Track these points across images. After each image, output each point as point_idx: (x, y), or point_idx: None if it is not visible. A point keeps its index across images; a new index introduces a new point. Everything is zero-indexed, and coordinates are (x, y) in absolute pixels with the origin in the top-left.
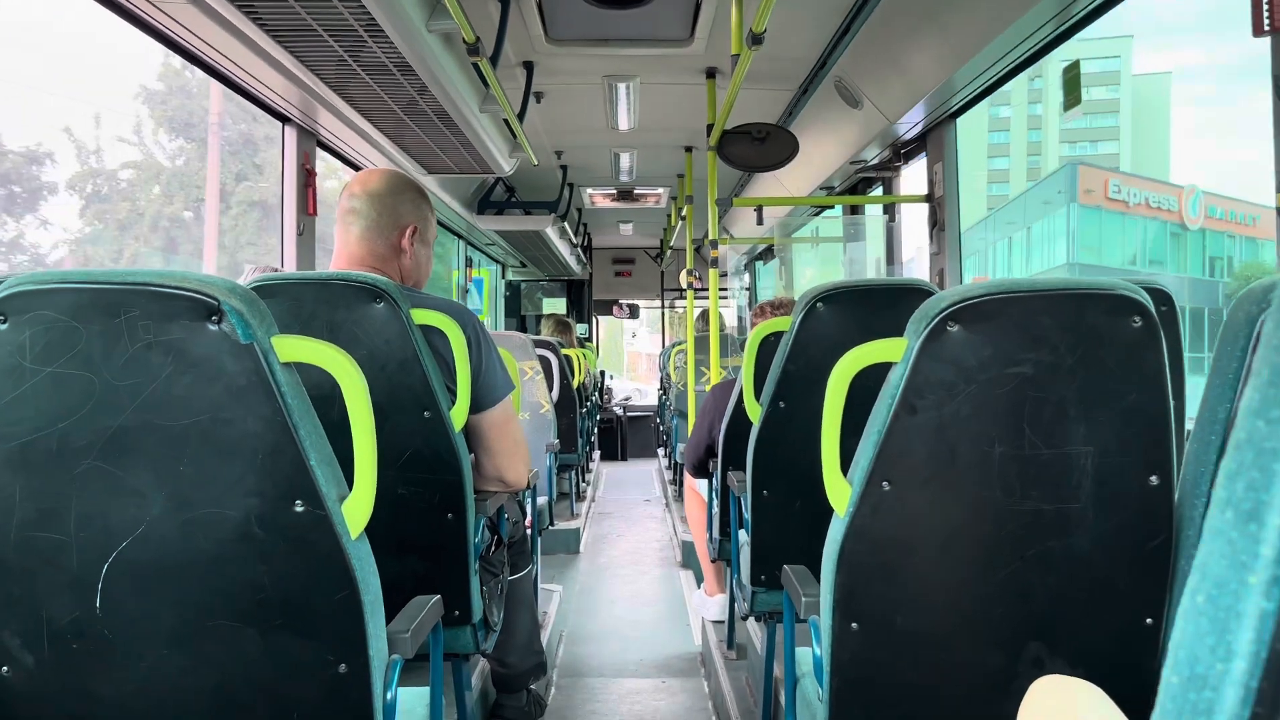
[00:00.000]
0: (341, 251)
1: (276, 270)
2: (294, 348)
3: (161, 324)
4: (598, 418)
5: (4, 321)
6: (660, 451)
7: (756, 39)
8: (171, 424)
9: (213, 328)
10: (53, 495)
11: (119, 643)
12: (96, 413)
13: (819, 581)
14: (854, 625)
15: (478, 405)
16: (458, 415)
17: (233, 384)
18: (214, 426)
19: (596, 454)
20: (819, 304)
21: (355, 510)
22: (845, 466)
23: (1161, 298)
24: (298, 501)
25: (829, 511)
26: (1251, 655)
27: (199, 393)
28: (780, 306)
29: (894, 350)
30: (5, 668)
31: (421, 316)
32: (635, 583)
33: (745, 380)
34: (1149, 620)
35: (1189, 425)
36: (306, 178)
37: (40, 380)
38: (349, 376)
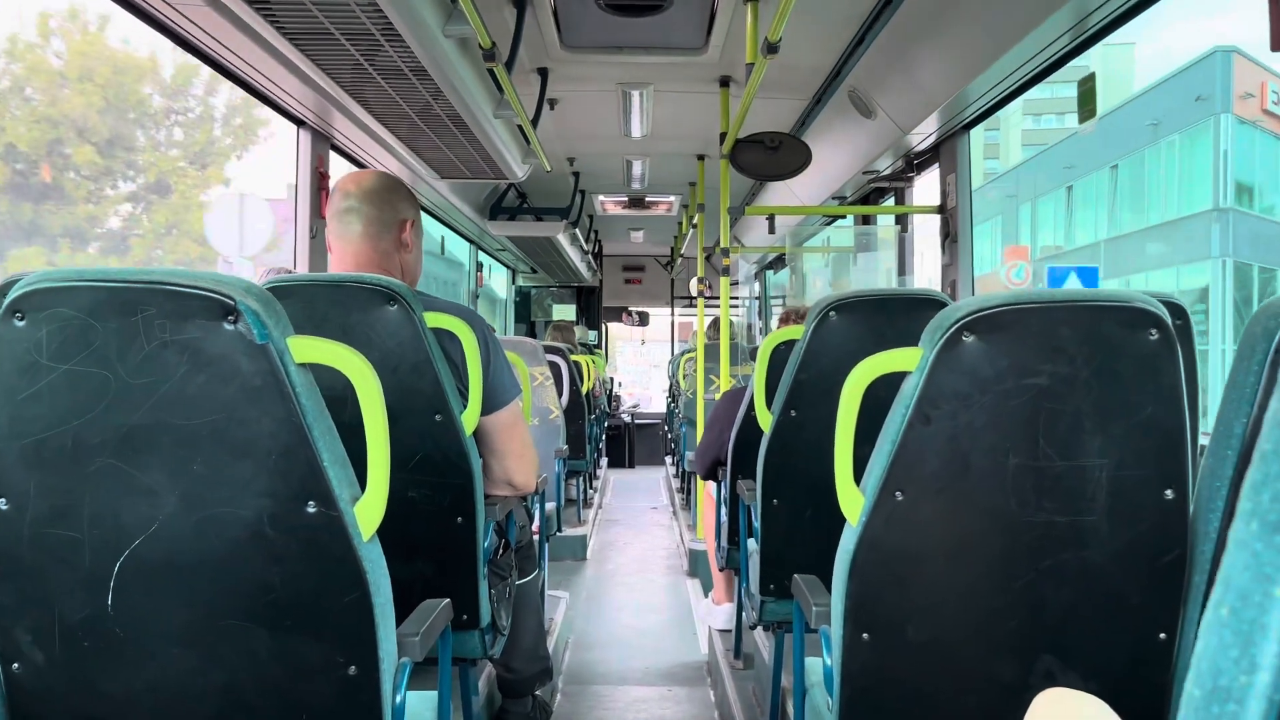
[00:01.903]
0: (344, 251)
1: (290, 271)
2: (309, 349)
3: (177, 323)
4: (606, 424)
5: (21, 318)
6: (668, 459)
7: (772, 48)
8: (186, 423)
9: (228, 327)
10: (66, 492)
11: (130, 641)
12: (111, 411)
13: (830, 591)
14: (865, 635)
15: (486, 408)
16: (469, 419)
17: (247, 384)
18: (228, 426)
19: (604, 461)
20: (832, 313)
21: (367, 512)
22: (857, 476)
23: (1176, 311)
24: (310, 502)
25: (839, 521)
26: (1276, 669)
27: (213, 392)
28: (804, 316)
29: (908, 360)
30: (16, 664)
31: (434, 319)
32: (642, 590)
33: (756, 389)
34: (1163, 635)
35: (1203, 440)
36: (320, 180)
37: (56, 378)
38: (364, 378)
